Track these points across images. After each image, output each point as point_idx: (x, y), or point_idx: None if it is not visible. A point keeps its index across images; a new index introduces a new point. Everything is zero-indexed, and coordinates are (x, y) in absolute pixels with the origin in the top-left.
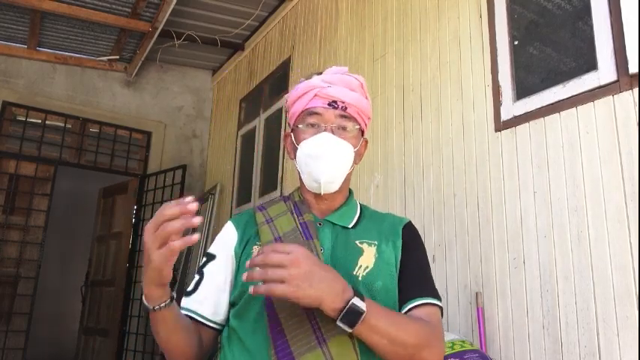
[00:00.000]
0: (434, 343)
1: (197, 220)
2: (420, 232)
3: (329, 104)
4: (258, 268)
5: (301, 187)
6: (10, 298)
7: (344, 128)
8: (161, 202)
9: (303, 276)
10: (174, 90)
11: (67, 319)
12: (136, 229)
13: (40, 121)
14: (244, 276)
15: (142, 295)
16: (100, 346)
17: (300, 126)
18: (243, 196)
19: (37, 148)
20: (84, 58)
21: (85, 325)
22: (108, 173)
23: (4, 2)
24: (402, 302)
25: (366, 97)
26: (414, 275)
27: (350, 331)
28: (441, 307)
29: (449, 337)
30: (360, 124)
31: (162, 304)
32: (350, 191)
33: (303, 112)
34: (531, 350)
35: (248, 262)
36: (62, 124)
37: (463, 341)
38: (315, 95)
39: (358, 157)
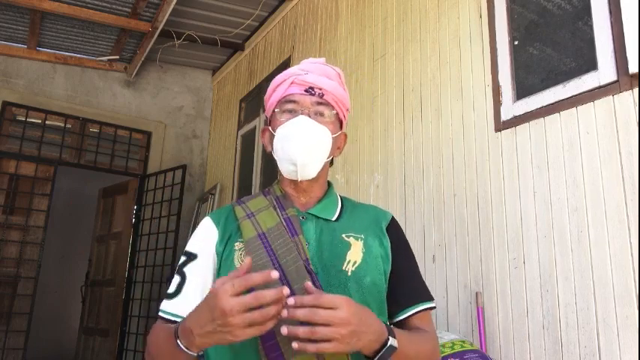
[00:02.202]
0: (437, 353)
1: (291, 301)
2: (420, 232)
3: (306, 90)
4: (299, 327)
5: (280, 179)
6: (10, 298)
7: (321, 114)
8: (161, 202)
9: (352, 334)
10: (174, 90)
11: (67, 319)
12: (136, 229)
13: (40, 121)
14: (284, 330)
15: (177, 332)
16: (100, 346)
17: (277, 112)
18: (243, 196)
19: (37, 148)
20: (84, 58)
21: (85, 325)
22: (108, 173)
23: (4, 2)
24: (401, 307)
25: (344, 89)
26: (409, 279)
27: None
28: (434, 307)
29: (449, 337)
30: (337, 111)
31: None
32: (329, 184)
33: (280, 100)
34: (531, 350)
35: (285, 313)
36: (62, 124)
37: (463, 341)
38: (292, 83)
39: (337, 149)
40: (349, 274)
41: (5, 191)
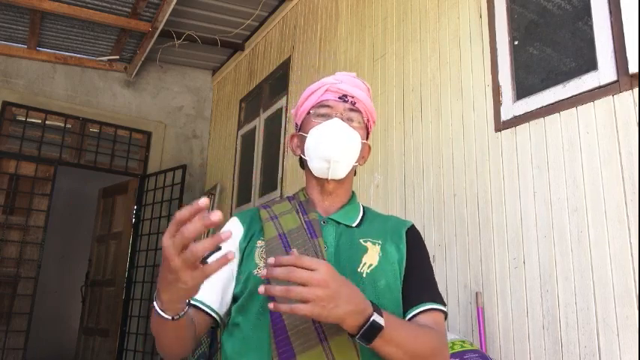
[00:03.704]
0: (444, 352)
1: (217, 216)
2: (420, 232)
3: (339, 97)
4: (275, 285)
5: (307, 183)
6: (10, 298)
7: (352, 120)
8: (161, 202)
9: (329, 297)
10: (174, 90)
11: (67, 319)
12: (136, 229)
13: (40, 121)
14: (261, 289)
15: (153, 302)
16: (100, 346)
17: (311, 115)
18: (243, 196)
19: (37, 148)
20: (84, 58)
21: (85, 325)
22: (108, 173)
23: (4, 2)
24: (409, 306)
25: (372, 101)
26: (419, 280)
27: (368, 345)
28: (445, 313)
29: (449, 337)
30: (366, 119)
31: (182, 313)
32: (353, 192)
33: (314, 105)
34: (531, 350)
35: (263, 272)
36: (62, 124)
37: (463, 341)
38: (327, 90)
39: (362, 158)
40: (364, 275)
41: (5, 191)
